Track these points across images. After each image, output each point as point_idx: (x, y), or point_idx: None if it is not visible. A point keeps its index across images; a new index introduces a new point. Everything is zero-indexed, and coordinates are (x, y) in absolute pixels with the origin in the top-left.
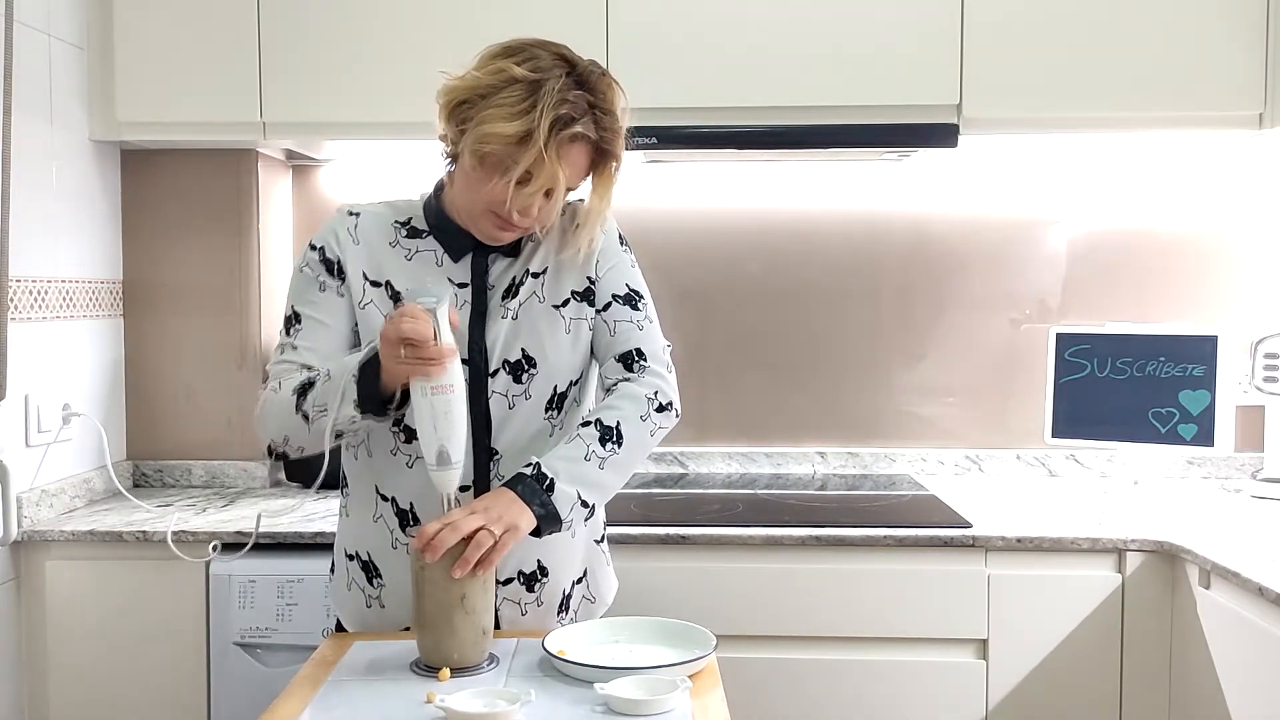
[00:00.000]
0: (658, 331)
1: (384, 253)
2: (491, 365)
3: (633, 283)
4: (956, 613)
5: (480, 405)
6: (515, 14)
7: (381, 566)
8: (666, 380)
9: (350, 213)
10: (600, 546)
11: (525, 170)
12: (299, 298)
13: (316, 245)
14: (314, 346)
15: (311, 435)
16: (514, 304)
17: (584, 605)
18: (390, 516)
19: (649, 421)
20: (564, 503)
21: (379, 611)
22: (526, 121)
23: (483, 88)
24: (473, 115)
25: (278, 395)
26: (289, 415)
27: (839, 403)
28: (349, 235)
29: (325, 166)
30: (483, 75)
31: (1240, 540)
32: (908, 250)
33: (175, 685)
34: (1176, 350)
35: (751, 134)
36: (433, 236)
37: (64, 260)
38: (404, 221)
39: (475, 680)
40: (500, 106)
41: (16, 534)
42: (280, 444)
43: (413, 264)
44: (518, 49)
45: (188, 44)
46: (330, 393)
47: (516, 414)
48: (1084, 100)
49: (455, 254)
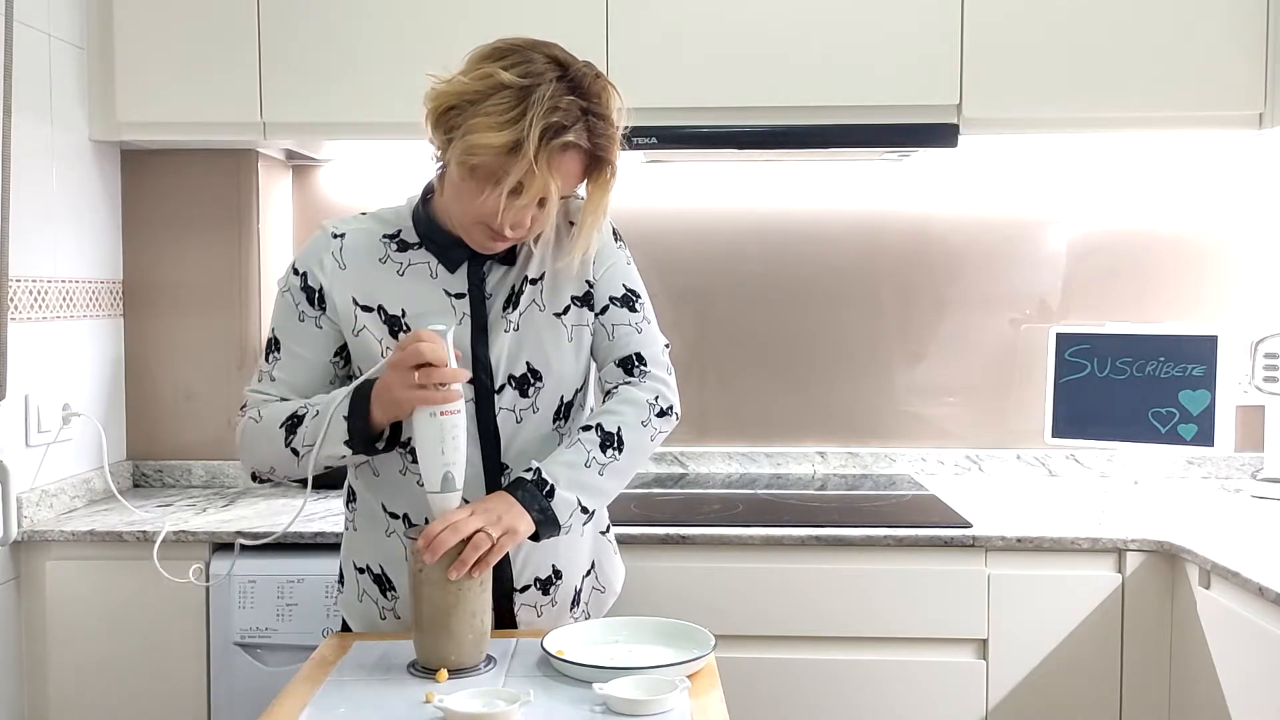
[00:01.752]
0: (656, 331)
1: (374, 272)
2: (497, 381)
3: (629, 282)
4: (956, 613)
5: (488, 422)
6: (515, 14)
7: (396, 580)
8: (667, 384)
9: (334, 234)
10: (606, 537)
11: (516, 181)
12: (279, 323)
13: (299, 270)
14: (291, 381)
15: (300, 469)
16: (515, 315)
17: (594, 597)
18: (402, 533)
19: (649, 426)
20: (564, 509)
21: (394, 623)
22: (515, 131)
23: (470, 94)
24: (460, 123)
25: (259, 426)
26: (278, 449)
27: (839, 403)
28: (334, 260)
29: (325, 166)
30: (470, 81)
31: (1240, 540)
32: (908, 250)
33: (175, 685)
34: (1176, 350)
35: (751, 134)
36: (425, 248)
37: (64, 260)
38: (393, 235)
39: (473, 681)
40: (488, 115)
41: (16, 534)
42: (265, 473)
43: (406, 279)
44: (507, 51)
45: (188, 44)
46: (317, 429)
47: (525, 427)
48: (1084, 100)
49: (450, 265)
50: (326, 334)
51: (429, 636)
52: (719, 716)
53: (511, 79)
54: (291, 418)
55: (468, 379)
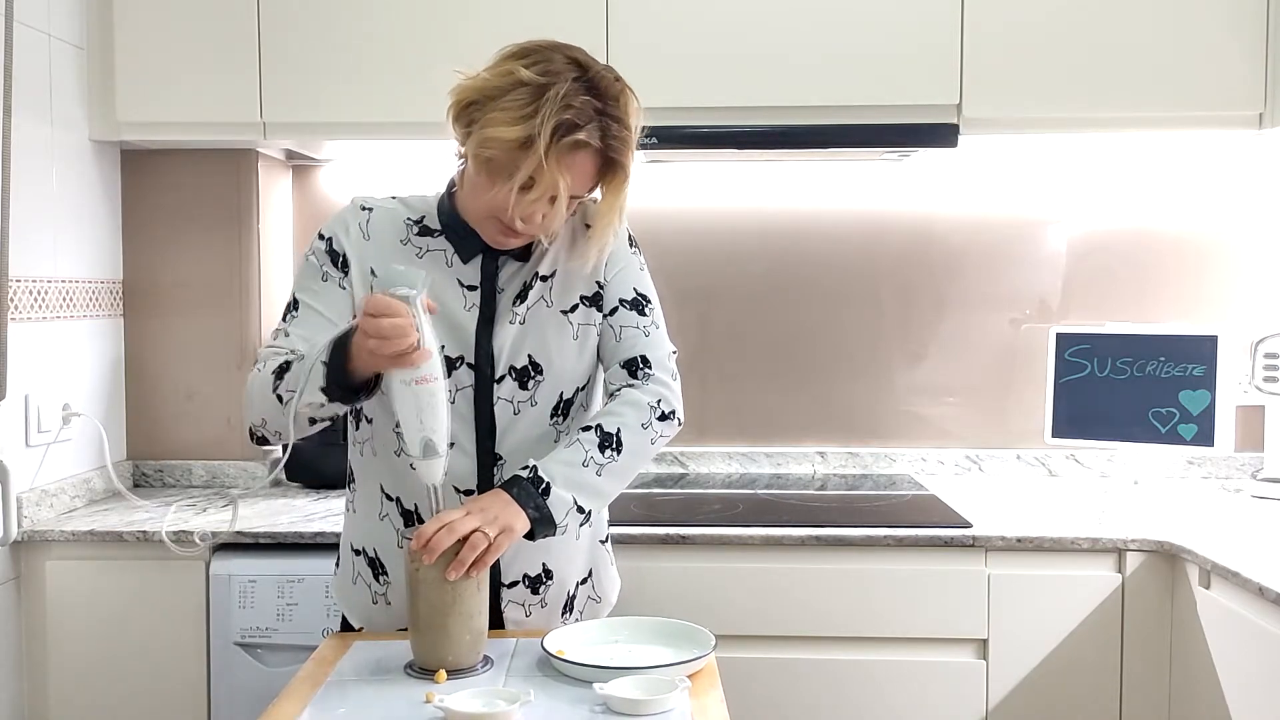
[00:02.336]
0: (664, 337)
1: (394, 251)
2: (498, 371)
3: (640, 286)
4: (956, 613)
5: (485, 411)
6: (515, 14)
7: (388, 564)
8: (671, 388)
9: (364, 207)
10: (605, 547)
11: (528, 176)
12: (301, 285)
13: (325, 235)
14: (307, 335)
15: (284, 419)
16: (521, 308)
17: (589, 605)
18: (396, 516)
19: (650, 429)
20: (559, 507)
21: (385, 608)
22: (528, 126)
23: (490, 89)
24: (479, 117)
25: (259, 376)
26: (267, 395)
27: (839, 403)
28: (360, 230)
29: (325, 166)
30: (491, 77)
31: (1240, 540)
32: (908, 250)
33: (175, 685)
34: (1176, 350)
35: (752, 134)
36: (444, 236)
37: (64, 260)
38: (417, 219)
39: (472, 681)
40: (504, 110)
41: (16, 534)
42: (259, 426)
43: (423, 262)
44: (530, 50)
45: (188, 44)
46: (300, 375)
47: (522, 420)
48: (1084, 100)
49: (465, 255)
50: (348, 296)
51: (426, 637)
52: (719, 716)
53: (530, 76)
54: (283, 365)
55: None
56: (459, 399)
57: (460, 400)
